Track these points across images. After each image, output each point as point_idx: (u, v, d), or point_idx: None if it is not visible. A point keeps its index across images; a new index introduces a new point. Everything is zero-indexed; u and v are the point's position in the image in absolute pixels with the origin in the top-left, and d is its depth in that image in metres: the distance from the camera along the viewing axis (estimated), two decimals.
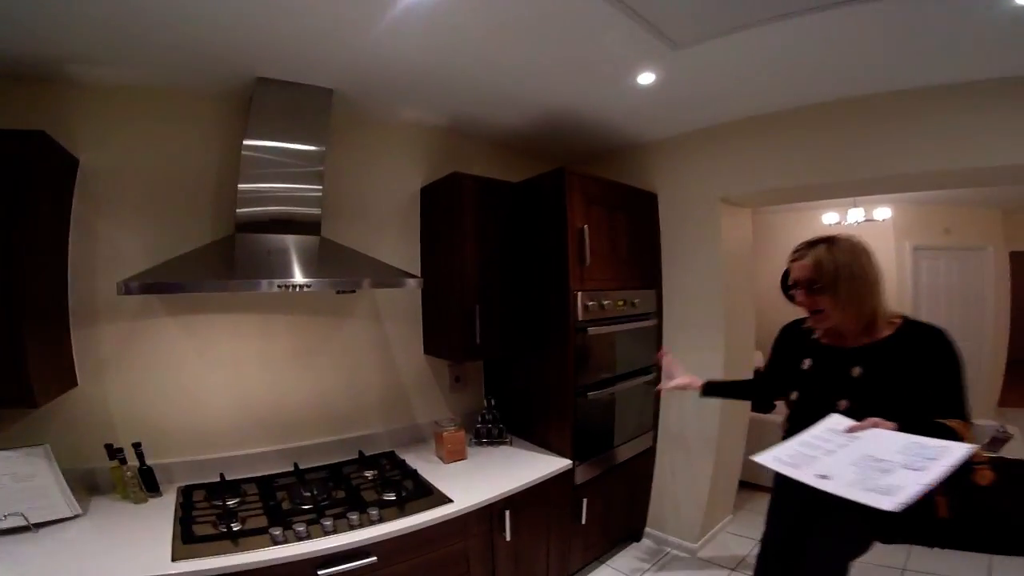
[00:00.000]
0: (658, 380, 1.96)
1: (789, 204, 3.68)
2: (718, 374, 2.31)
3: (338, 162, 1.99)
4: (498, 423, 2.29)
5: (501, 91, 1.97)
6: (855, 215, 3.95)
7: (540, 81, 1.89)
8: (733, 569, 2.38)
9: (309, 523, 1.47)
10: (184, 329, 1.78)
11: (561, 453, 2.14)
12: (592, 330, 2.13)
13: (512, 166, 2.57)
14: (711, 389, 1.70)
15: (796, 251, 1.34)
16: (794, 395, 1.42)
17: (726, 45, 1.57)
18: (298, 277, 1.63)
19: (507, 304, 2.22)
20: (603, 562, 2.43)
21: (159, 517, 1.50)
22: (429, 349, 2.35)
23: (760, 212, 3.75)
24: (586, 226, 2.11)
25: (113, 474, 1.55)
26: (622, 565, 2.44)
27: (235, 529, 1.43)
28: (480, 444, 2.24)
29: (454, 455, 2.09)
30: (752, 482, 2.98)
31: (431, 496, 1.72)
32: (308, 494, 1.67)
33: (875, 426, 1.11)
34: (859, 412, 1.17)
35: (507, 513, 1.80)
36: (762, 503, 1.66)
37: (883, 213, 4.02)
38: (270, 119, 1.73)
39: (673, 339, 2.56)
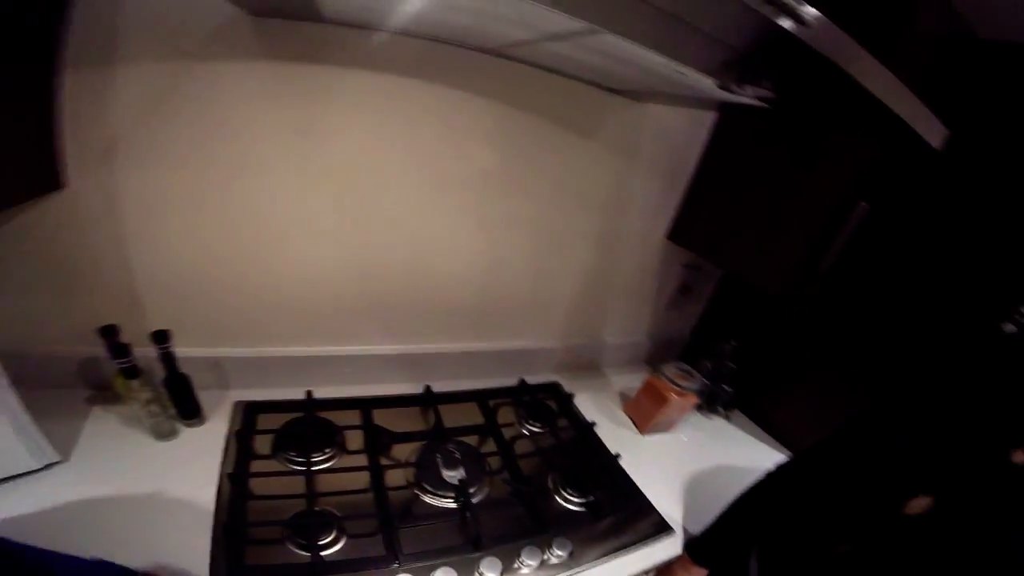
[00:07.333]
0: None
1: None
2: None
3: None
4: (731, 384, 1.40)
5: None
6: None
7: None
8: None
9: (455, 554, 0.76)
10: (284, 90, 0.80)
11: None
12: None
13: None
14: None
15: None
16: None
17: None
18: None
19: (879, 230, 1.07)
20: None
21: (192, 484, 0.78)
22: (680, 235, 1.31)
23: None
24: None
25: (119, 386, 0.79)
26: None
27: (322, 556, 0.73)
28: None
29: (661, 426, 1.27)
30: None
31: (646, 520, 0.98)
32: (453, 475, 0.93)
33: None
34: None
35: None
36: None
37: None
38: None
39: None
